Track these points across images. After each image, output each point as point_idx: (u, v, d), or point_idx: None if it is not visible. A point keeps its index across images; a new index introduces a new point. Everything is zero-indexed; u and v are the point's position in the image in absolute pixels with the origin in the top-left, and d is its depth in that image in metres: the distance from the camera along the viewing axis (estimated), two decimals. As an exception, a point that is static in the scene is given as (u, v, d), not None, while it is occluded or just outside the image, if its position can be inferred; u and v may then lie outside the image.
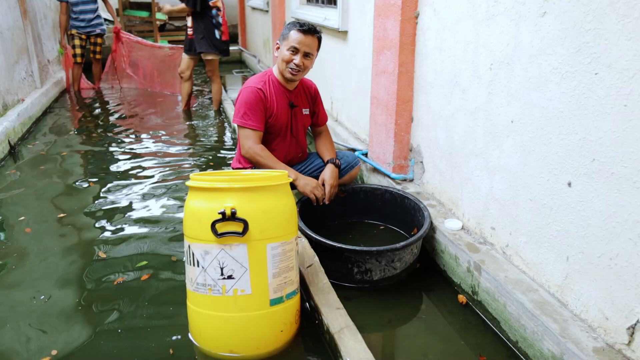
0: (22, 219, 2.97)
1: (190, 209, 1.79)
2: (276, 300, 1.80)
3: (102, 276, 2.37)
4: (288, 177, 1.90)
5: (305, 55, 2.53)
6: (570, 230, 1.74)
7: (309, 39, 2.51)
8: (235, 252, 1.72)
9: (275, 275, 1.78)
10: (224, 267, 1.72)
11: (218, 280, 1.73)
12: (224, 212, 1.68)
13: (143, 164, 3.91)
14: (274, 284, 1.78)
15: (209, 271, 1.73)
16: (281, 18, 6.01)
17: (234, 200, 1.71)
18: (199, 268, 1.75)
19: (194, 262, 1.76)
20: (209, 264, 1.73)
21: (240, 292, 1.74)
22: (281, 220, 1.79)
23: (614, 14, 1.48)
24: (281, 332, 1.85)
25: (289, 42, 2.50)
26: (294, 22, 2.54)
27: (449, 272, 2.34)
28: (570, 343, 1.60)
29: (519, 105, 1.93)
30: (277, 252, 1.77)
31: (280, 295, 1.81)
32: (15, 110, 4.74)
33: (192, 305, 1.85)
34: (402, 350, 1.98)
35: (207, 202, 1.73)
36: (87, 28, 6.41)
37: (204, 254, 1.73)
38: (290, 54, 2.51)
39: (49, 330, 1.99)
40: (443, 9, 2.42)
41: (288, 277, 1.82)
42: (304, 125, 2.81)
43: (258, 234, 1.72)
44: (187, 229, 1.80)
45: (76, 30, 6.35)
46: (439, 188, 2.64)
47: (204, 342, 1.85)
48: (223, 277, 1.73)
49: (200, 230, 1.72)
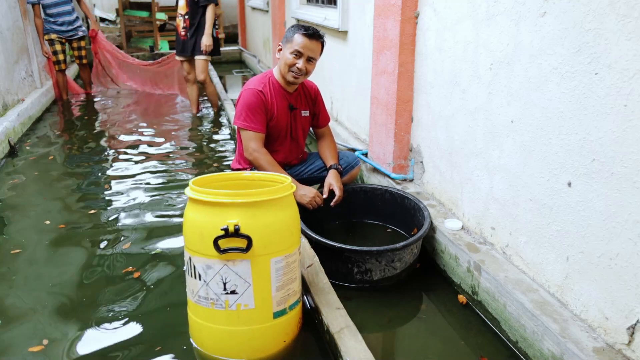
0: (22, 218, 2.97)
1: (190, 221, 1.72)
2: (279, 312, 1.78)
3: (101, 276, 2.38)
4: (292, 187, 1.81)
5: (309, 60, 2.52)
6: (570, 230, 1.74)
7: (313, 44, 2.50)
8: (238, 267, 1.68)
9: (279, 289, 1.76)
10: (226, 282, 1.69)
11: (221, 295, 1.70)
12: (227, 229, 1.62)
13: (141, 169, 3.90)
14: (278, 297, 1.76)
15: (212, 285, 1.70)
16: (281, 18, 6.01)
17: (236, 215, 1.64)
18: (200, 281, 1.72)
19: (195, 275, 1.73)
20: (211, 278, 1.70)
21: (243, 306, 1.71)
22: (285, 234, 1.74)
23: (614, 14, 1.48)
24: (284, 342, 1.84)
25: (292, 46, 2.49)
26: (298, 26, 2.53)
27: (449, 272, 2.34)
28: (570, 343, 1.60)
29: (519, 105, 1.93)
30: (281, 266, 1.74)
31: (284, 307, 1.79)
32: (15, 110, 4.74)
33: (193, 316, 1.83)
34: (402, 350, 1.98)
35: (209, 216, 1.67)
36: (68, 32, 5.93)
37: (205, 268, 1.70)
38: (294, 57, 2.50)
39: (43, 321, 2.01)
40: (443, 9, 2.42)
41: (291, 288, 1.81)
42: (304, 127, 2.80)
43: (261, 249, 1.68)
44: (187, 241, 1.74)
45: (56, 35, 5.84)
46: (439, 188, 2.64)
47: (206, 349, 1.83)
48: (226, 292, 1.70)
49: (202, 245, 1.67)
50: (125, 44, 9.03)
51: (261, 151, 2.54)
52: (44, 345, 1.90)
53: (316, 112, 2.84)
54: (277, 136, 2.68)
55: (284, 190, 1.75)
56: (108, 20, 10.32)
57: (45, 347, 1.89)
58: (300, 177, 2.77)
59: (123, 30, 9.08)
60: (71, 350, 1.88)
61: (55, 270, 2.42)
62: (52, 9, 5.72)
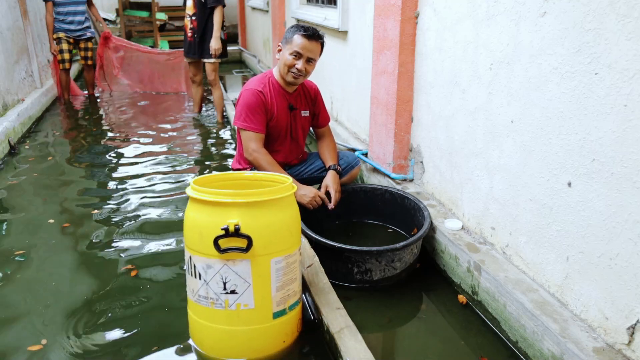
0: (22, 218, 2.97)
1: (191, 220, 1.73)
2: (279, 313, 1.78)
3: (101, 276, 2.38)
4: (293, 187, 1.80)
5: (308, 61, 2.52)
6: (570, 230, 1.73)
7: (313, 45, 2.50)
8: (238, 267, 1.68)
9: (279, 289, 1.76)
10: (226, 282, 1.69)
11: (221, 294, 1.70)
12: (227, 228, 1.62)
13: (141, 169, 3.89)
14: (277, 298, 1.76)
15: (212, 285, 1.70)
16: (281, 18, 6.01)
17: (237, 215, 1.64)
18: (200, 281, 1.72)
19: (195, 274, 1.73)
20: (211, 278, 1.70)
21: (243, 306, 1.71)
22: (285, 234, 1.74)
23: (614, 14, 1.48)
24: (283, 342, 1.84)
25: (292, 47, 2.49)
26: (298, 26, 2.53)
27: (449, 272, 2.34)
28: (570, 343, 1.60)
29: (519, 105, 1.93)
30: (281, 266, 1.74)
31: (284, 307, 1.79)
32: (15, 110, 4.74)
33: (193, 315, 1.83)
34: (402, 350, 1.98)
35: (209, 216, 1.67)
36: (76, 32, 5.91)
37: (206, 268, 1.70)
38: (293, 58, 2.50)
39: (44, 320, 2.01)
40: (443, 9, 2.42)
41: (291, 289, 1.81)
42: (304, 127, 2.80)
43: (262, 249, 1.68)
44: (187, 240, 1.75)
45: (64, 34, 5.83)
46: (439, 188, 2.64)
47: (205, 349, 1.83)
48: (226, 291, 1.70)
49: (202, 244, 1.67)
50: (125, 44, 9.04)
51: (261, 151, 2.54)
52: (43, 344, 1.90)
53: (316, 112, 2.84)
54: (277, 136, 2.68)
55: (284, 191, 1.75)
56: (108, 20, 10.32)
57: (44, 346, 1.89)
58: (300, 177, 2.77)
59: (123, 30, 9.07)
60: (71, 350, 1.88)
61: (55, 270, 2.42)
62: (63, 7, 5.75)
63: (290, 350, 1.87)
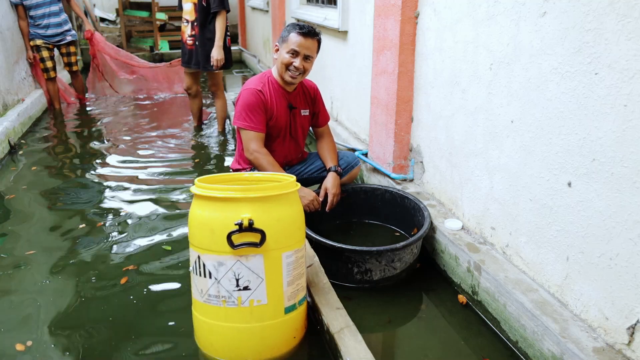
0: (22, 218, 2.97)
1: (199, 218, 1.72)
2: (290, 307, 1.79)
3: (101, 276, 2.38)
4: (297, 184, 1.85)
5: (305, 58, 2.52)
6: (570, 230, 1.74)
7: (309, 42, 2.50)
8: (251, 262, 1.68)
9: (290, 284, 1.77)
10: (239, 279, 1.68)
11: (233, 291, 1.70)
12: (241, 223, 1.62)
13: (142, 171, 3.88)
14: (288, 292, 1.77)
15: (223, 282, 1.69)
16: (281, 18, 6.01)
17: (249, 210, 1.65)
18: (211, 279, 1.70)
19: (205, 274, 1.71)
20: (223, 275, 1.68)
21: (256, 302, 1.71)
22: (294, 228, 1.78)
23: (614, 14, 1.48)
24: (294, 338, 1.85)
25: (288, 45, 2.49)
26: (294, 24, 2.53)
27: (449, 272, 2.34)
28: (570, 343, 1.60)
29: (519, 105, 1.93)
30: (291, 260, 1.76)
31: (294, 302, 1.80)
32: (15, 110, 4.74)
33: (202, 317, 1.79)
34: (402, 350, 1.98)
35: (220, 212, 1.67)
36: (54, 37, 5.34)
37: (217, 265, 1.69)
38: (290, 56, 2.50)
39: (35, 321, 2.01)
40: (443, 9, 2.42)
41: (300, 283, 1.82)
42: (303, 126, 2.80)
43: (274, 243, 1.69)
44: (195, 239, 1.73)
45: (42, 41, 5.28)
46: (439, 188, 2.64)
47: (215, 352, 1.81)
48: (239, 288, 1.69)
49: (213, 241, 1.67)
50: (125, 44, 9.03)
51: (262, 151, 2.53)
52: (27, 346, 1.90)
53: (315, 112, 2.84)
54: (277, 136, 2.68)
55: (292, 186, 1.81)
56: (108, 20, 10.33)
57: (44, 345, 1.89)
58: (300, 177, 2.77)
59: (123, 30, 9.08)
60: (70, 349, 1.88)
61: (50, 272, 2.42)
62: (37, 10, 5.18)
63: (299, 347, 1.87)
